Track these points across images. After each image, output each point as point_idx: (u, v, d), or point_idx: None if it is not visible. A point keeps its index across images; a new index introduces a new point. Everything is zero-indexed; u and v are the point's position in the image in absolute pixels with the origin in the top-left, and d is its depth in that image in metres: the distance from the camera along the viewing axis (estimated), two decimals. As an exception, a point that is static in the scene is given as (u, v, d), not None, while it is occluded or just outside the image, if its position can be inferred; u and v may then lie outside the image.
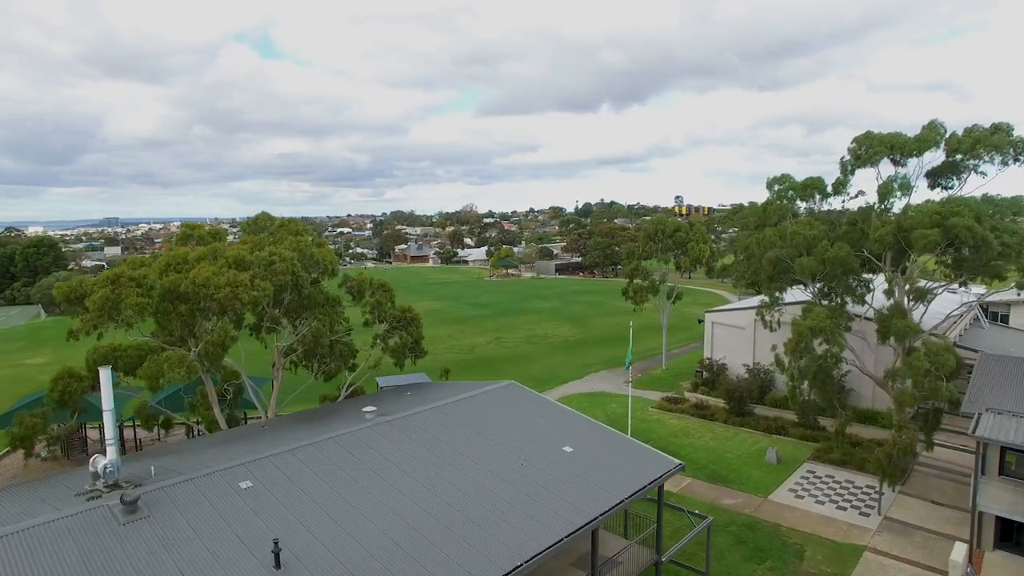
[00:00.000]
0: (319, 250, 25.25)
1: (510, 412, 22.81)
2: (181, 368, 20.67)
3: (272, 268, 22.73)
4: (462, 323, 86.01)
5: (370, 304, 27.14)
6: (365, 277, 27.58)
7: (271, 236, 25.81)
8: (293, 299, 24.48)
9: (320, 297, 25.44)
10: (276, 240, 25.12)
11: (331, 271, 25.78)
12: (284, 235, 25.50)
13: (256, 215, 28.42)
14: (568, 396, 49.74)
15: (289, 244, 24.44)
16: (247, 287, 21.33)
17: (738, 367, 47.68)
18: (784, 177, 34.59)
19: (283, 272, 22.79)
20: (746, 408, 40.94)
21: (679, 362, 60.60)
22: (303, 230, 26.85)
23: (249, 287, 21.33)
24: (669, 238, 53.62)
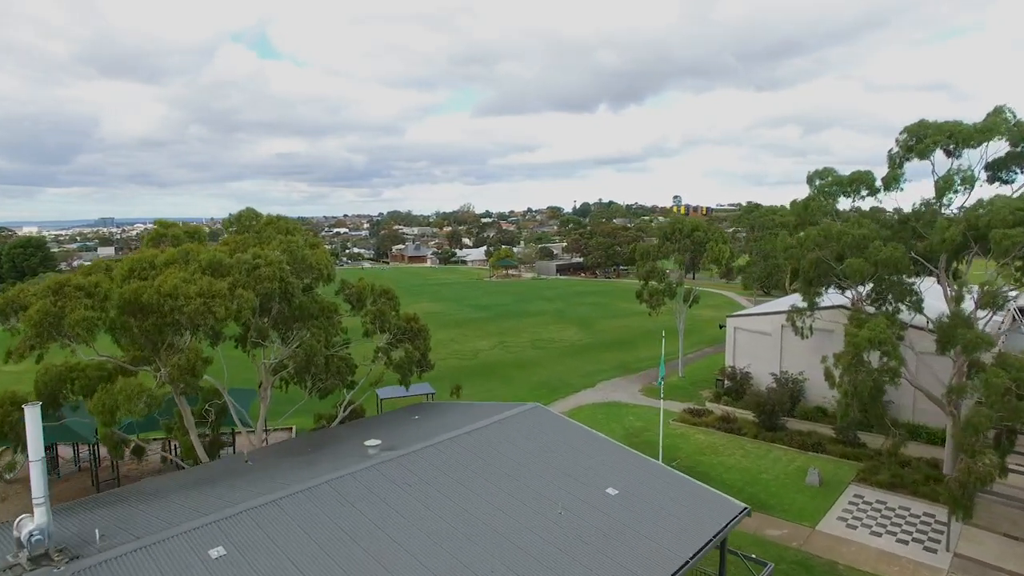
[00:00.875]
0: (313, 252, 21.97)
1: (538, 443, 19.54)
2: (139, 400, 17.32)
3: (256, 274, 19.55)
4: (464, 326, 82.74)
5: (371, 313, 23.85)
6: (365, 283, 24.29)
7: (257, 236, 22.53)
8: (282, 310, 21.22)
9: (314, 307, 22.19)
10: (262, 240, 21.85)
11: (326, 276, 22.52)
12: (272, 234, 22.22)
13: (239, 211, 25.08)
14: (581, 407, 46.53)
15: (277, 245, 21.28)
16: (224, 298, 18.05)
17: (763, 376, 44.46)
18: (826, 171, 31.37)
19: (269, 279, 19.63)
20: (778, 422, 37.74)
21: (695, 368, 57.41)
22: (294, 229, 23.55)
23: (227, 298, 18.04)
24: (687, 238, 50.40)
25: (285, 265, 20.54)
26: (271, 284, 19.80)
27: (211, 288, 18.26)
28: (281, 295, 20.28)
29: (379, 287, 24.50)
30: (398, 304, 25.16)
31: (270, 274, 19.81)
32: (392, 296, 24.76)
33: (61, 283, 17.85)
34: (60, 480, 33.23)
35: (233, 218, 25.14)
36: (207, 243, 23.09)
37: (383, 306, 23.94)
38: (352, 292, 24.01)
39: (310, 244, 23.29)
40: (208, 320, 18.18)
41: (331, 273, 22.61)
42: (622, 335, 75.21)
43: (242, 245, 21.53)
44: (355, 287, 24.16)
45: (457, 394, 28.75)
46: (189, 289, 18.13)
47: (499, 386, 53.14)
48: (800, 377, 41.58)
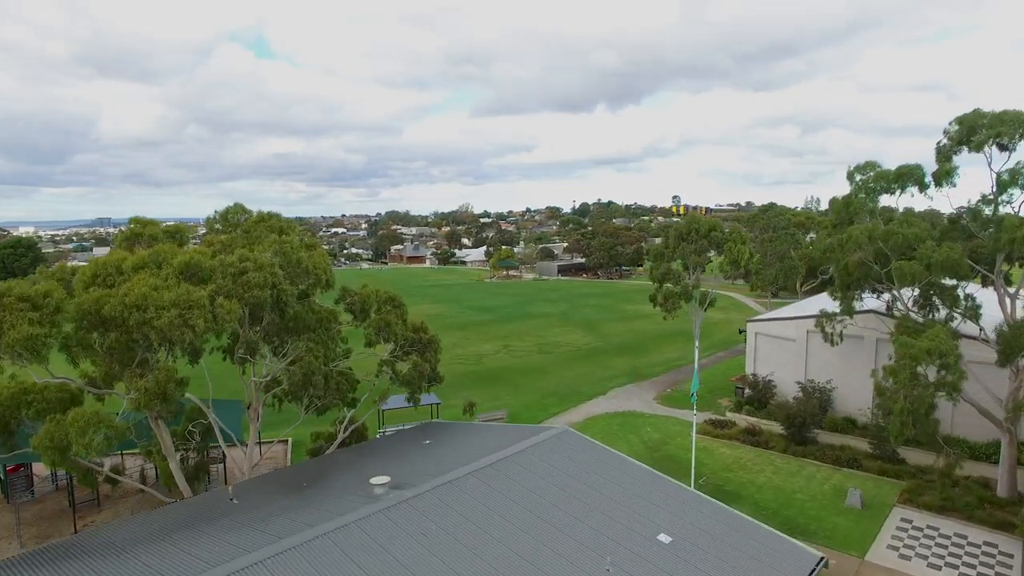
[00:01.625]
0: (309, 254, 19.40)
1: (572, 477, 16.93)
2: (95, 433, 14.66)
3: (243, 280, 17.01)
4: (466, 329, 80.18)
5: (375, 324, 21.24)
6: (369, 291, 21.64)
7: (246, 236, 19.94)
8: (274, 320, 18.65)
9: (311, 317, 19.64)
10: (252, 241, 19.27)
11: (325, 282, 19.94)
12: (263, 234, 19.62)
13: (226, 208, 22.08)
14: (594, 417, 43.98)
15: (269, 246, 18.73)
16: (203, 309, 15.50)
17: (788, 384, 41.95)
18: (870, 165, 28.84)
19: (259, 286, 17.07)
20: (808, 435, 35.19)
21: (711, 375, 54.84)
22: (288, 228, 20.92)
23: (206, 308, 15.49)
24: (704, 238, 47.77)
25: (277, 269, 17.96)
26: (261, 292, 17.20)
27: (188, 297, 15.65)
28: (273, 304, 17.77)
29: (384, 294, 21.88)
30: (405, 313, 22.58)
31: (259, 280, 17.21)
32: (399, 304, 22.17)
33: (1, 293, 15.19)
34: (35, 501, 30.66)
35: (219, 215, 22.37)
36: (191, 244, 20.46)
37: (389, 315, 21.32)
38: (354, 301, 21.30)
39: (306, 245, 20.68)
40: (184, 335, 15.52)
41: (330, 278, 20.03)
42: (631, 339, 72.74)
43: (228, 246, 18.94)
44: (358, 295, 21.47)
45: (471, 413, 26.00)
46: (161, 298, 15.46)
47: (506, 394, 50.59)
48: (828, 386, 39.12)
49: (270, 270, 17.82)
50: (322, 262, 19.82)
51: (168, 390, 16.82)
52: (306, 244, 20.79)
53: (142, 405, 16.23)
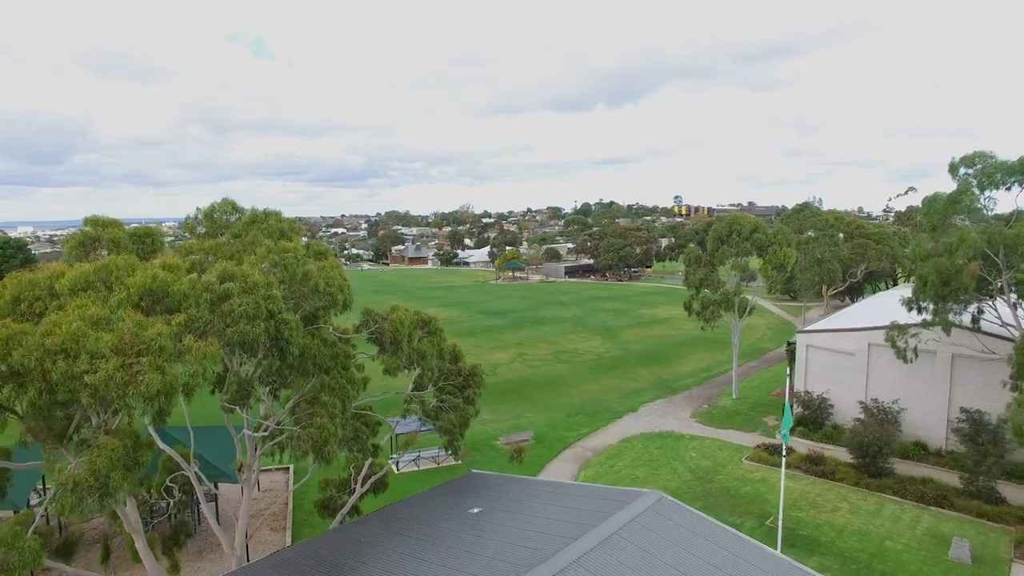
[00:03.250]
0: (320, 267, 15.14)
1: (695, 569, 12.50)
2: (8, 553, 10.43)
3: (225, 309, 12.78)
4: (477, 335, 75.97)
5: (406, 355, 16.77)
6: (402, 315, 16.99)
7: (236, 241, 15.71)
8: (273, 363, 14.34)
9: (323, 353, 15.06)
10: (243, 249, 15.03)
11: (342, 303, 15.66)
12: (257, 239, 15.51)
13: (211, 205, 17.47)
14: (629, 439, 39.80)
15: (263, 256, 14.54)
16: (163, 356, 11.15)
17: (845, 403, 37.87)
18: (980, 156, 24.74)
19: (248, 316, 12.75)
20: (883, 465, 31.00)
21: (746, 387, 50.71)
22: (291, 229, 16.78)
23: (166, 355, 11.31)
24: (746, 240, 43.68)
25: (275, 291, 13.42)
26: (250, 326, 12.75)
27: (138, 337, 11.14)
28: (271, 340, 13.52)
29: (416, 315, 17.50)
30: (443, 340, 18.31)
31: (248, 308, 12.78)
32: (434, 330, 17.90)
33: None
34: None
35: (202, 214, 17.64)
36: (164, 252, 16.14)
37: (423, 345, 16.97)
38: (383, 330, 16.49)
39: (316, 253, 16.47)
40: (130, 397, 10.79)
41: (348, 298, 15.76)
42: (653, 347, 68.61)
43: (215, 254, 14.72)
44: (387, 321, 16.68)
45: (519, 459, 21.52)
46: (98, 342, 10.82)
47: (528, 411, 46.41)
48: (895, 407, 35.00)
49: (264, 292, 13.09)
50: (337, 277, 15.46)
51: (112, 484, 11.39)
52: (315, 252, 16.54)
53: (67, 510, 11.65)
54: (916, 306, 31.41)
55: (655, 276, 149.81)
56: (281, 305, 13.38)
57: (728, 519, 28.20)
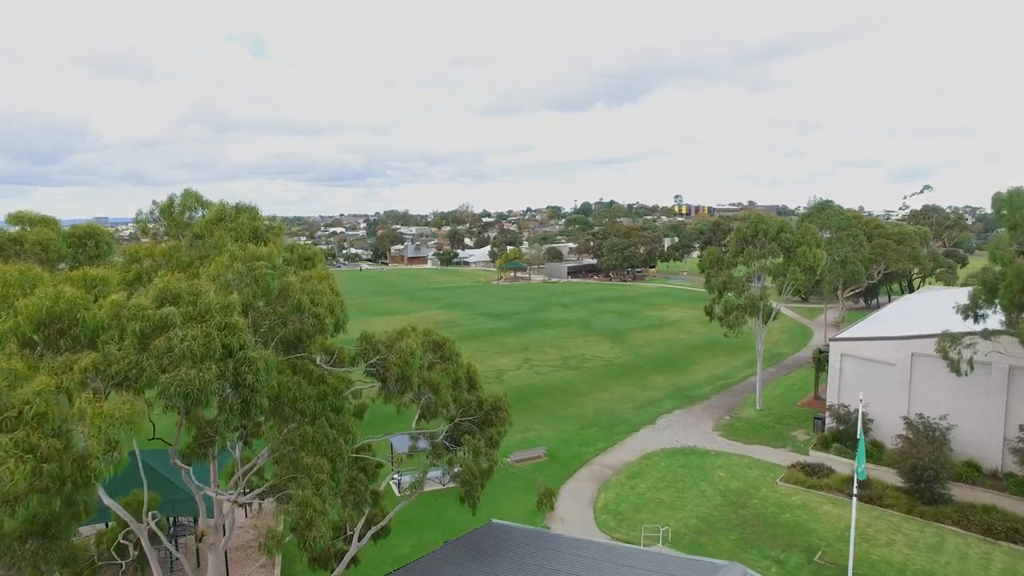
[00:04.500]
0: (304, 280, 11.97)
1: None
2: None
3: (161, 349, 9.50)
4: (480, 339, 72.96)
5: (416, 385, 13.63)
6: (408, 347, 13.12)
7: (199, 244, 12.49)
8: (232, 418, 11.11)
9: (307, 396, 11.80)
10: (205, 254, 11.88)
11: (333, 326, 12.41)
12: (223, 241, 12.33)
13: (169, 199, 13.84)
14: (649, 455, 36.77)
15: (227, 264, 11.13)
16: (42, 432, 7.67)
17: (886, 418, 34.82)
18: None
19: (194, 356, 9.45)
20: (940, 492, 27.97)
21: (769, 397, 47.63)
22: (271, 230, 13.26)
23: (49, 429, 7.76)
24: (772, 240, 40.66)
25: (236, 317, 9.97)
26: (195, 372, 9.29)
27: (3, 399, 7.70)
28: (230, 387, 9.98)
29: (425, 337, 14.25)
30: (459, 367, 15.12)
31: (195, 345, 9.43)
32: (449, 354, 14.70)
33: None
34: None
35: (158, 210, 13.92)
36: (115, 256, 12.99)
37: (434, 375, 13.71)
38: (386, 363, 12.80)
39: (301, 258, 13.32)
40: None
41: (341, 318, 12.56)
42: (664, 351, 65.61)
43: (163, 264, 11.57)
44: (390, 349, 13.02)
45: (550, 504, 18.09)
46: None
47: (539, 423, 43.36)
48: (943, 423, 32.00)
49: (220, 320, 9.75)
50: (327, 292, 12.41)
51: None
52: (301, 257, 13.38)
53: None
54: (973, 314, 28.46)
55: (659, 276, 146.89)
56: (245, 337, 10.02)
57: (770, 553, 25.24)
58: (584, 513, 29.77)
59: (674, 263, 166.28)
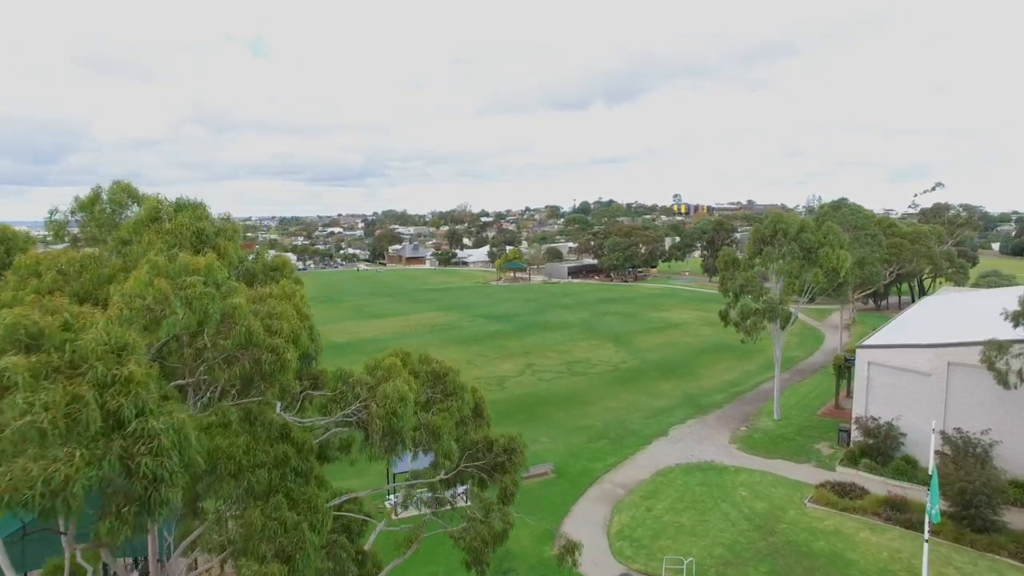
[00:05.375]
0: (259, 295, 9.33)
1: None
2: None
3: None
4: (480, 343, 70.39)
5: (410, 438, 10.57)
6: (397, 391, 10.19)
7: (126, 251, 9.77)
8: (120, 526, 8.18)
9: (260, 462, 8.82)
10: (127, 266, 9.04)
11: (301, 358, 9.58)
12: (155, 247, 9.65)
13: (92, 192, 11.13)
14: (664, 471, 34.24)
15: (145, 280, 8.15)
16: None
17: (919, 432, 32.26)
18: None
19: (55, 437, 6.13)
20: (993, 519, 25.45)
21: (785, 404, 45.08)
22: (222, 233, 10.44)
23: None
24: (793, 241, 38.15)
25: (132, 366, 6.91)
26: (44, 468, 6.14)
27: None
28: (122, 474, 6.84)
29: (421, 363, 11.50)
30: (466, 403, 12.27)
31: (50, 421, 6.21)
32: (454, 388, 11.87)
33: None
34: None
35: (77, 206, 11.06)
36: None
37: (437, 419, 11.04)
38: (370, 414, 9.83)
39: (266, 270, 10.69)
40: None
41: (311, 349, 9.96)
42: (671, 355, 63.06)
43: (70, 278, 8.98)
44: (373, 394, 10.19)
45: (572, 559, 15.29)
46: None
47: (543, 434, 40.83)
48: (985, 439, 29.49)
49: (103, 371, 6.90)
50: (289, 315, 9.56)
51: None
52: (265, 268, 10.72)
53: None
54: (1023, 320, 26.01)
55: (660, 276, 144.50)
56: (148, 391, 7.14)
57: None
58: (597, 539, 27.23)
59: (675, 263, 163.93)
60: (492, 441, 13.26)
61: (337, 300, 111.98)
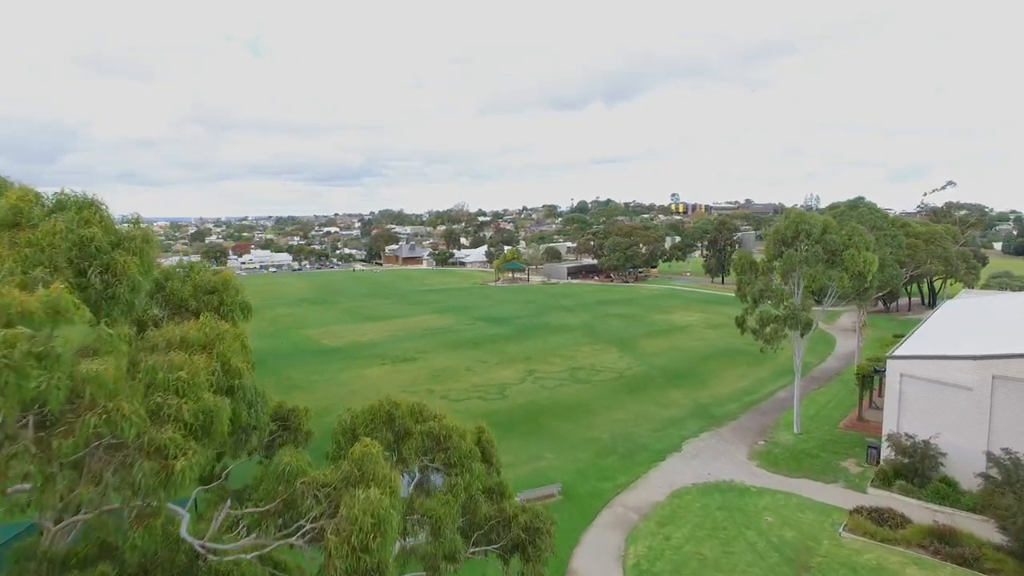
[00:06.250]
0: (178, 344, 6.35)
1: None
2: None
3: None
4: (479, 347, 67.65)
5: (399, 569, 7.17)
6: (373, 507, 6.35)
7: None
8: None
9: None
10: None
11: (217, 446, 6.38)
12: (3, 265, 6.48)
13: None
14: (680, 492, 31.56)
15: None
16: None
17: (961, 451, 29.72)
18: None
19: None
20: (1053, 553, 22.81)
21: (804, 415, 42.37)
22: (128, 240, 7.10)
23: None
24: (817, 243, 35.49)
25: None
26: None
27: None
28: None
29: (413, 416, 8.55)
30: (479, 475, 9.28)
31: None
32: (460, 456, 8.92)
33: None
34: None
35: None
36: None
37: (436, 504, 7.98)
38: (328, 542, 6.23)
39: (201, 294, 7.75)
40: None
41: (253, 418, 6.95)
42: (678, 361, 60.38)
43: None
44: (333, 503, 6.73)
45: None
46: None
47: (548, 448, 38.11)
48: (1035, 459, 26.83)
49: None
50: (197, 388, 6.27)
51: None
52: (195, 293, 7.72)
53: None
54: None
55: (661, 277, 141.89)
56: None
57: (854, 639, 19.97)
58: (613, 575, 24.52)
59: (676, 263, 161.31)
60: (510, 517, 10.38)
61: (331, 302, 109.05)
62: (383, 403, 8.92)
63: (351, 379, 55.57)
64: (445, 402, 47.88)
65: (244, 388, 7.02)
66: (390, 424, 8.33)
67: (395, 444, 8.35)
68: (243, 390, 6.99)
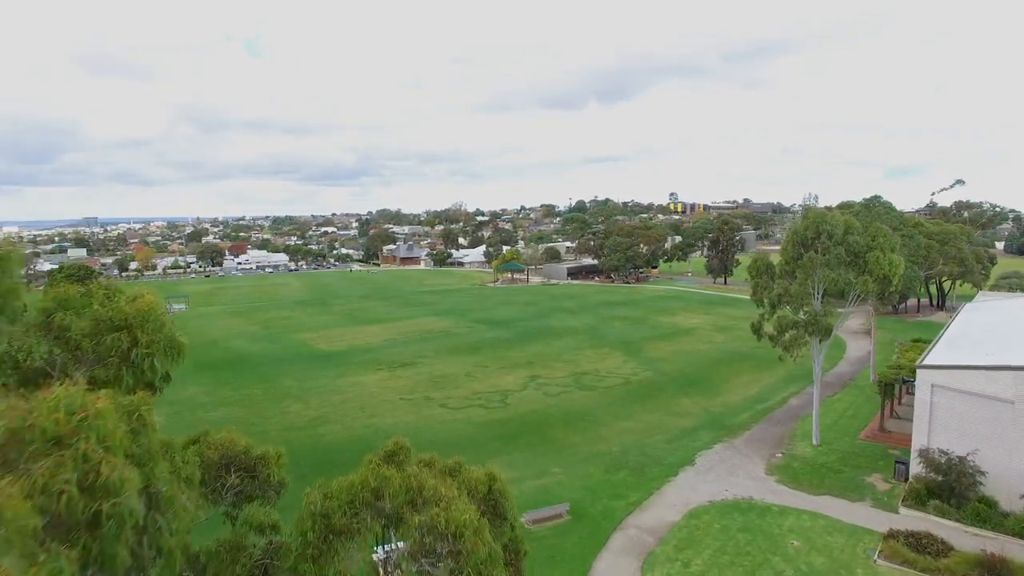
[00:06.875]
0: None
1: None
2: None
3: None
4: (479, 352, 65.51)
5: None
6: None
7: None
8: None
9: None
10: None
11: None
12: None
13: None
14: (697, 511, 29.45)
15: None
16: None
17: (1002, 469, 27.65)
18: None
19: None
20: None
21: (827, 428, 40.24)
22: None
23: None
24: (839, 244, 33.40)
25: None
26: None
27: None
28: None
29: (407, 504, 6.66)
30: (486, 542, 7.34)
31: None
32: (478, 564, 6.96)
33: None
34: None
35: None
36: None
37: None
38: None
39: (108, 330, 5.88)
40: None
41: None
42: (686, 366, 58.29)
43: None
44: None
45: None
46: None
47: (554, 462, 35.98)
48: (1084, 479, 24.79)
49: None
50: None
51: None
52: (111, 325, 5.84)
53: None
54: None
55: (663, 277, 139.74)
56: None
57: None
58: (629, 609, 22.41)
59: (677, 263, 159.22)
60: None
61: (328, 304, 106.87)
62: (367, 476, 6.84)
63: (347, 386, 53.43)
64: (444, 410, 45.81)
65: (122, 514, 4.84)
66: (377, 507, 6.34)
67: (384, 532, 6.35)
68: (120, 517, 4.81)
